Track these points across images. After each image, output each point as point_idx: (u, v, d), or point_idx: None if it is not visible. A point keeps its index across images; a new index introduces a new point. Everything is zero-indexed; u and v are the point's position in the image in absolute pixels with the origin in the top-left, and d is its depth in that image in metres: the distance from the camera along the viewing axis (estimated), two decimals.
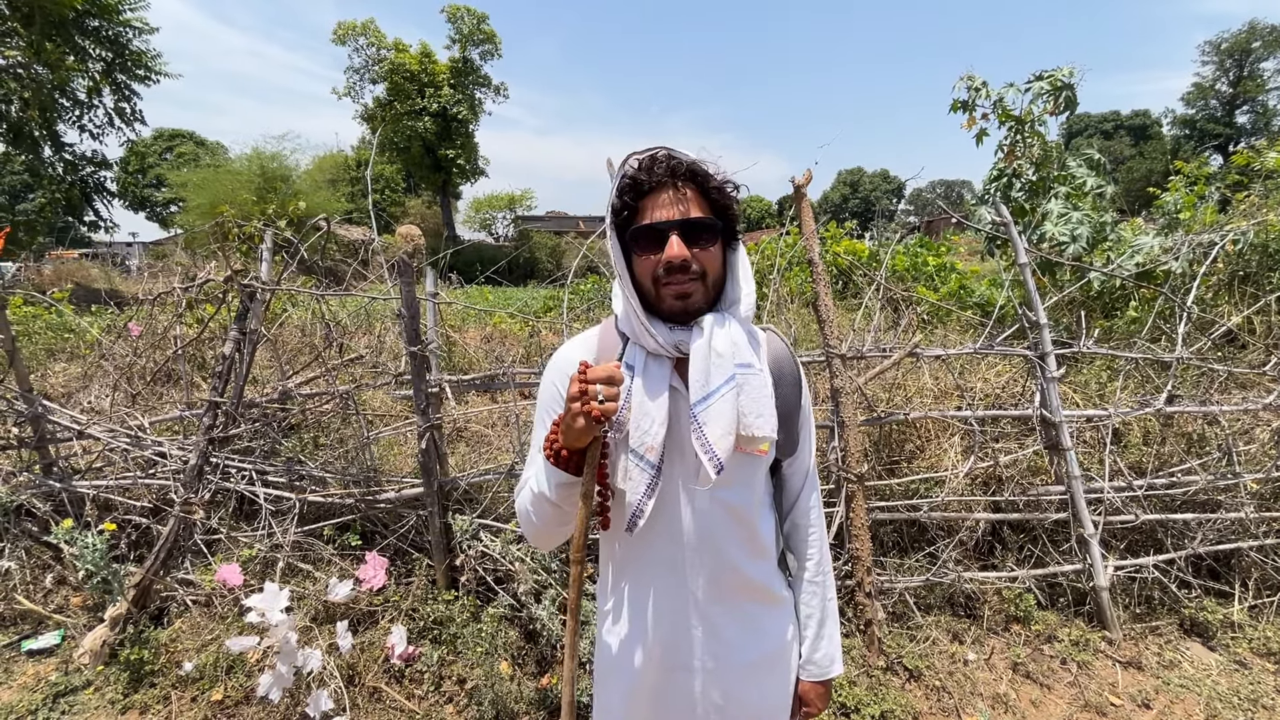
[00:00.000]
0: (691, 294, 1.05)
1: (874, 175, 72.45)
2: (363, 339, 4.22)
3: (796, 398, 1.20)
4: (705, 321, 1.06)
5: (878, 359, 3.04)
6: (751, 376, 1.06)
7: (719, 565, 1.13)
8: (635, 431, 1.04)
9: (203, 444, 2.98)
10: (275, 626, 2.32)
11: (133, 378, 3.56)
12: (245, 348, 3.04)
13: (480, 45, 37.78)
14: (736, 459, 1.08)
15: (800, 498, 1.27)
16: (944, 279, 5.23)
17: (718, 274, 1.10)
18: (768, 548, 1.20)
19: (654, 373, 1.08)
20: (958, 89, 4.20)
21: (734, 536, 1.14)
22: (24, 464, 3.33)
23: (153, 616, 2.86)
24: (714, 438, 1.01)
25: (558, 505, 1.08)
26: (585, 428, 0.96)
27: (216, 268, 2.97)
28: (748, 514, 1.14)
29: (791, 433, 1.20)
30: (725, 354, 1.04)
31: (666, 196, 1.04)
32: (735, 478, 1.11)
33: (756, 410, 1.04)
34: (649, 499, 1.05)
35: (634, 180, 1.04)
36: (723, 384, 1.03)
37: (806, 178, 3.02)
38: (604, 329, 1.21)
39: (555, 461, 1.03)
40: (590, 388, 0.95)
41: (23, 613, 2.94)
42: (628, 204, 1.05)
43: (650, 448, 1.04)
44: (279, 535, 2.92)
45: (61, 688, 2.57)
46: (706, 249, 1.06)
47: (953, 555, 2.96)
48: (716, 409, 1.02)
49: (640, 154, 1.06)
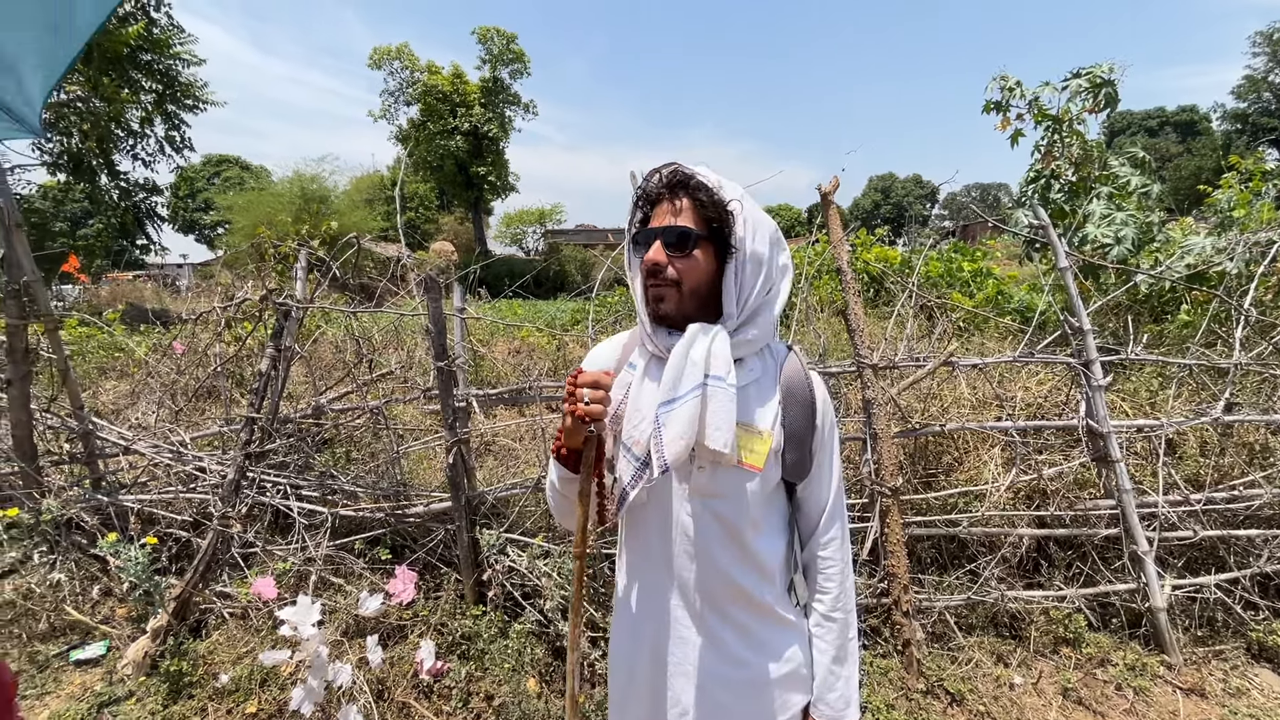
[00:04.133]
0: (664, 298, 1.11)
1: (906, 180, 71.33)
2: (394, 354, 4.29)
3: (807, 419, 1.17)
4: (690, 330, 1.10)
5: (911, 369, 2.95)
6: (719, 389, 1.07)
7: (709, 570, 1.14)
8: (627, 426, 1.09)
9: (240, 459, 3.06)
10: (307, 640, 2.35)
11: (175, 395, 3.68)
12: (280, 364, 3.11)
13: (510, 64, 38.62)
14: (729, 472, 1.12)
15: (818, 530, 1.22)
16: (980, 285, 5.07)
17: (697, 284, 1.12)
18: (768, 568, 1.17)
19: (652, 373, 1.13)
20: (990, 89, 4.09)
21: (724, 546, 1.14)
22: (75, 478, 3.47)
23: (192, 628, 2.93)
24: (668, 439, 1.05)
25: (565, 496, 1.18)
26: (574, 427, 1.04)
27: (254, 287, 3.06)
28: (737, 528, 1.13)
29: (801, 455, 1.17)
30: (698, 362, 1.06)
31: (665, 206, 1.12)
32: (723, 488, 1.12)
33: (716, 422, 1.06)
34: (632, 490, 1.10)
35: (644, 191, 1.14)
36: (688, 391, 1.06)
37: (834, 184, 2.97)
38: (634, 332, 1.27)
39: (558, 458, 1.12)
40: (578, 390, 1.03)
41: (71, 623, 3.04)
42: (644, 212, 1.16)
43: (637, 442, 1.08)
44: (312, 549, 2.96)
45: (106, 698, 2.64)
46: (684, 256, 1.09)
47: (995, 573, 2.83)
48: (678, 413, 1.05)
49: (655, 168, 1.13)
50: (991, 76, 3.98)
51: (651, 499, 1.14)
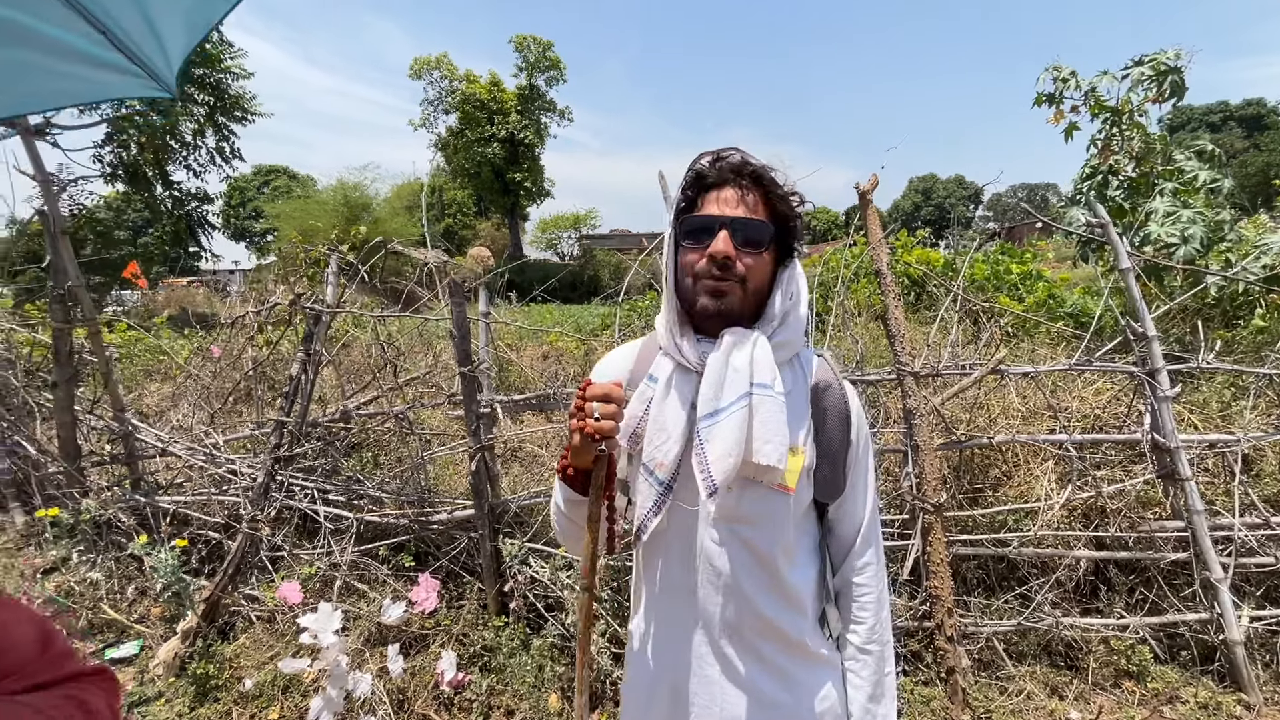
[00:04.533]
0: (727, 294, 0.99)
1: (948, 181, 69.46)
2: (423, 358, 4.30)
3: (842, 433, 1.06)
4: (730, 334, 0.99)
5: (956, 377, 2.78)
6: (767, 398, 0.96)
7: (736, 603, 1.03)
8: (648, 446, 1.00)
9: (269, 462, 3.07)
10: (326, 649, 2.32)
11: (210, 397, 3.75)
12: (310, 369, 3.12)
13: (546, 72, 39.13)
14: (758, 493, 1.00)
15: (852, 553, 1.11)
16: (1030, 288, 4.80)
17: (761, 285, 1.03)
18: (799, 599, 1.06)
19: (677, 387, 1.02)
20: (1042, 81, 3.85)
21: (754, 577, 1.02)
22: (115, 479, 3.56)
23: (221, 631, 2.95)
24: (714, 457, 0.94)
25: (571, 520, 1.06)
26: (582, 446, 0.94)
27: (284, 292, 3.08)
28: (769, 557, 1.02)
29: (835, 472, 1.06)
30: (741, 370, 0.97)
31: (729, 194, 1.00)
32: (754, 513, 1.01)
33: (766, 435, 0.95)
34: (654, 517, 0.99)
35: (699, 174, 1.02)
36: (733, 402, 0.95)
37: (872, 183, 2.82)
38: (648, 341, 1.15)
39: (564, 478, 1.02)
40: (588, 405, 0.92)
41: (108, 621, 3.09)
42: (689, 197, 1.03)
43: (660, 464, 0.98)
44: (337, 554, 2.95)
45: (136, 698, 2.67)
46: (755, 254, 0.99)
47: (1049, 597, 2.63)
48: (723, 427, 0.94)
49: (712, 152, 1.03)
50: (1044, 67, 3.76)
51: (672, 526, 1.03)
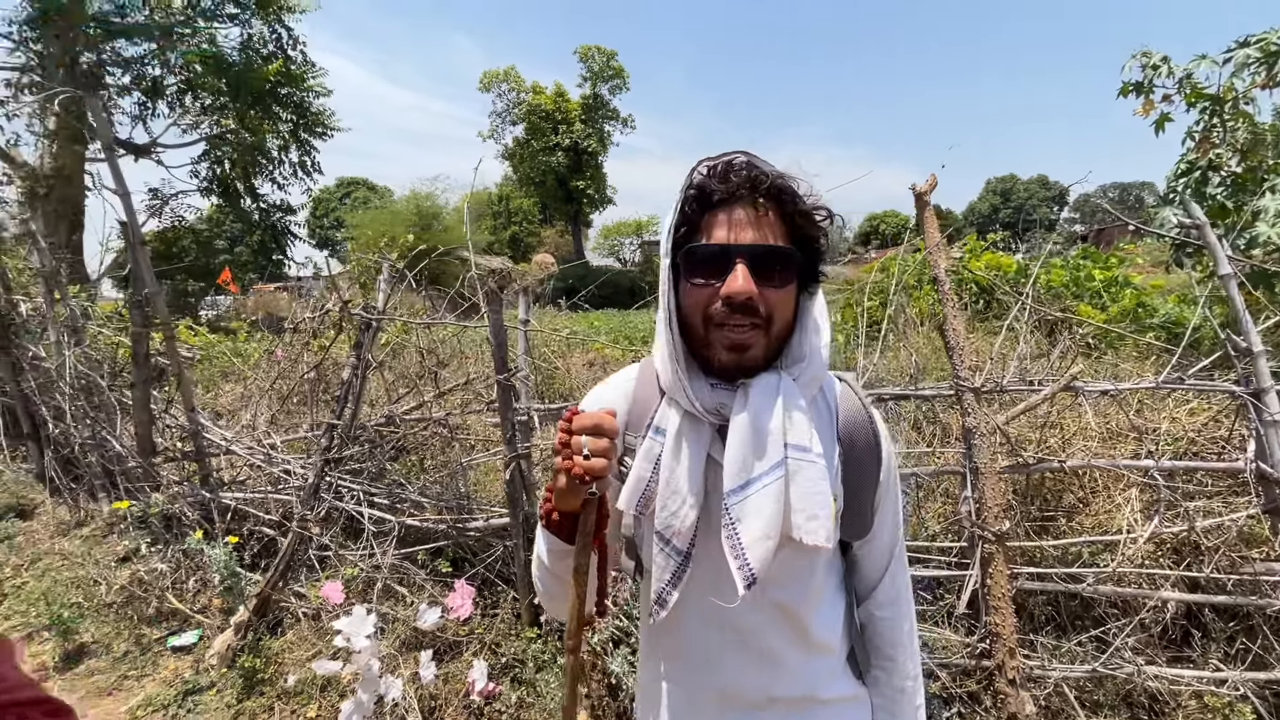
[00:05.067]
0: (750, 346, 0.84)
1: (1029, 182, 65.63)
2: (474, 365, 4.36)
3: (874, 469, 0.94)
4: (754, 385, 0.84)
5: (1024, 393, 2.55)
6: (806, 464, 0.82)
7: (764, 665, 0.92)
8: (661, 512, 0.85)
9: (319, 463, 3.17)
10: (359, 653, 2.35)
11: (271, 399, 3.93)
12: (359, 373, 3.21)
13: (609, 81, 39.72)
14: (788, 553, 0.85)
15: (880, 588, 1.00)
16: (1115, 296, 4.37)
17: (786, 323, 0.87)
18: (827, 644, 0.95)
19: (689, 439, 0.86)
20: (1129, 69, 3.50)
21: (783, 635, 0.92)
22: (186, 474, 3.77)
23: (271, 625, 3.06)
24: (749, 540, 0.80)
25: (555, 575, 0.92)
26: (569, 488, 0.80)
27: (335, 299, 3.18)
28: (800, 613, 0.91)
29: (863, 512, 0.94)
30: (774, 432, 0.82)
31: (741, 215, 0.83)
32: (785, 572, 0.88)
33: (810, 509, 0.81)
34: (673, 589, 0.85)
35: (702, 190, 0.84)
36: (768, 471, 0.81)
37: (930, 184, 2.64)
38: (643, 370, 1.00)
39: (547, 524, 0.88)
40: (575, 440, 0.77)
41: (173, 610, 3.27)
42: (689, 218, 0.85)
43: (678, 532, 0.84)
44: (379, 557, 3.01)
45: (191, 686, 2.80)
46: (780, 289, 0.84)
47: (1129, 641, 2.36)
48: (756, 503, 0.81)
49: (714, 159, 0.85)
50: (1131, 54, 3.40)
51: (688, 590, 0.88)
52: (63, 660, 3.04)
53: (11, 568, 3.90)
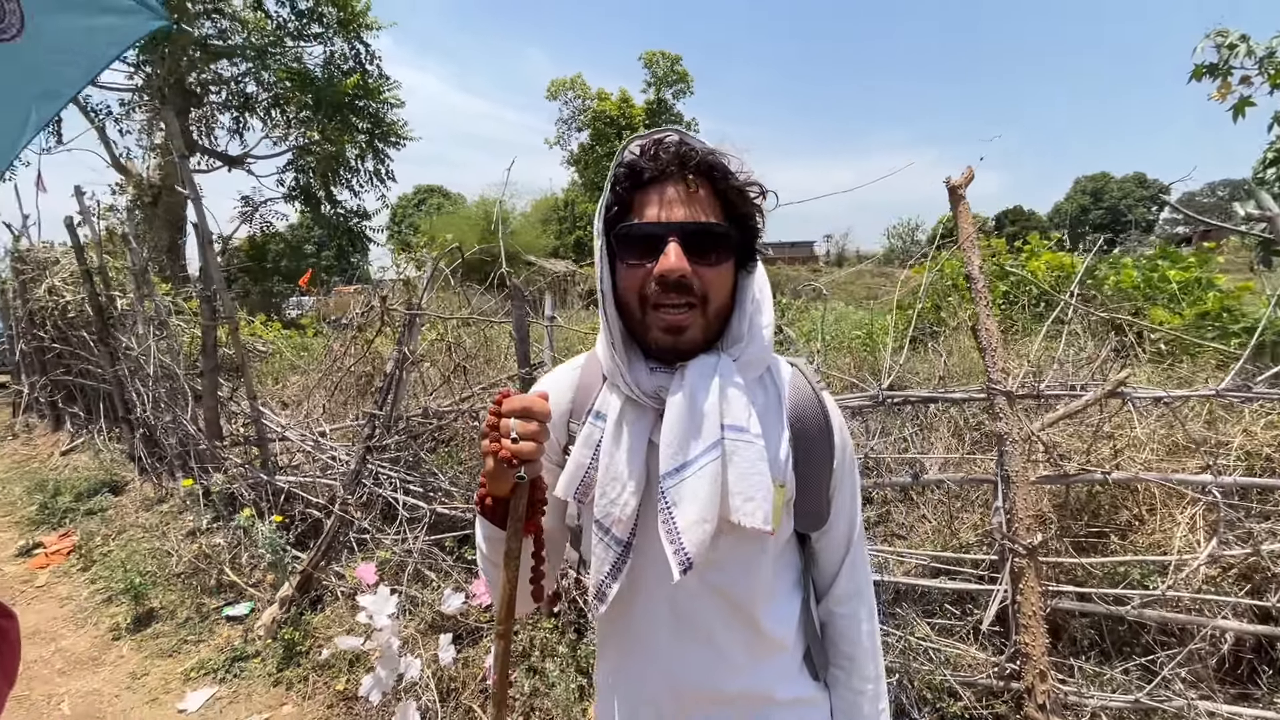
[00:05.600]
0: (686, 327, 0.82)
1: (1124, 180, 60.92)
2: (510, 362, 4.48)
3: (826, 457, 0.91)
4: (690, 366, 0.83)
5: (1065, 398, 2.38)
6: (743, 445, 0.80)
7: (712, 660, 0.89)
8: (601, 499, 0.84)
9: (361, 451, 3.35)
10: (379, 630, 2.46)
11: (325, 390, 4.17)
12: (402, 367, 3.37)
13: (674, 85, 39.88)
14: (733, 538, 0.84)
15: (837, 582, 0.97)
16: (1196, 298, 3.98)
17: (723, 302, 0.86)
18: (781, 641, 0.92)
19: (630, 425, 0.85)
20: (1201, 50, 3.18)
21: (730, 627, 0.89)
22: (248, 458, 4.06)
23: (313, 601, 3.24)
24: (684, 524, 0.78)
25: (493, 563, 0.89)
26: (496, 471, 0.78)
27: (379, 298, 3.35)
28: (748, 604, 0.89)
29: (817, 501, 0.92)
30: (710, 412, 0.80)
31: (671, 192, 0.82)
32: (730, 559, 0.87)
33: (747, 491, 0.79)
34: (613, 581, 0.84)
35: (632, 168, 0.83)
36: (703, 453, 0.80)
37: (965, 177, 2.52)
38: (589, 361, 0.99)
39: (481, 510, 0.86)
40: (503, 422, 0.77)
41: (229, 583, 3.53)
42: (620, 197, 0.84)
43: (617, 520, 0.83)
44: (411, 542, 3.14)
45: (239, 653, 3.01)
46: (714, 266, 0.83)
47: (1180, 673, 2.15)
48: (692, 486, 0.79)
49: (643, 137, 0.85)
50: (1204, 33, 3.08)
51: (631, 579, 0.87)
52: (134, 622, 3.33)
53: (102, 537, 4.32)
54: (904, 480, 2.66)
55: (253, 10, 13.16)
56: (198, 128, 13.55)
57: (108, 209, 6.36)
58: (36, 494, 5.14)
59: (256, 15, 13.23)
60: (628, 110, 39.00)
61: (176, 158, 3.33)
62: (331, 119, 14.05)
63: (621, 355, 0.85)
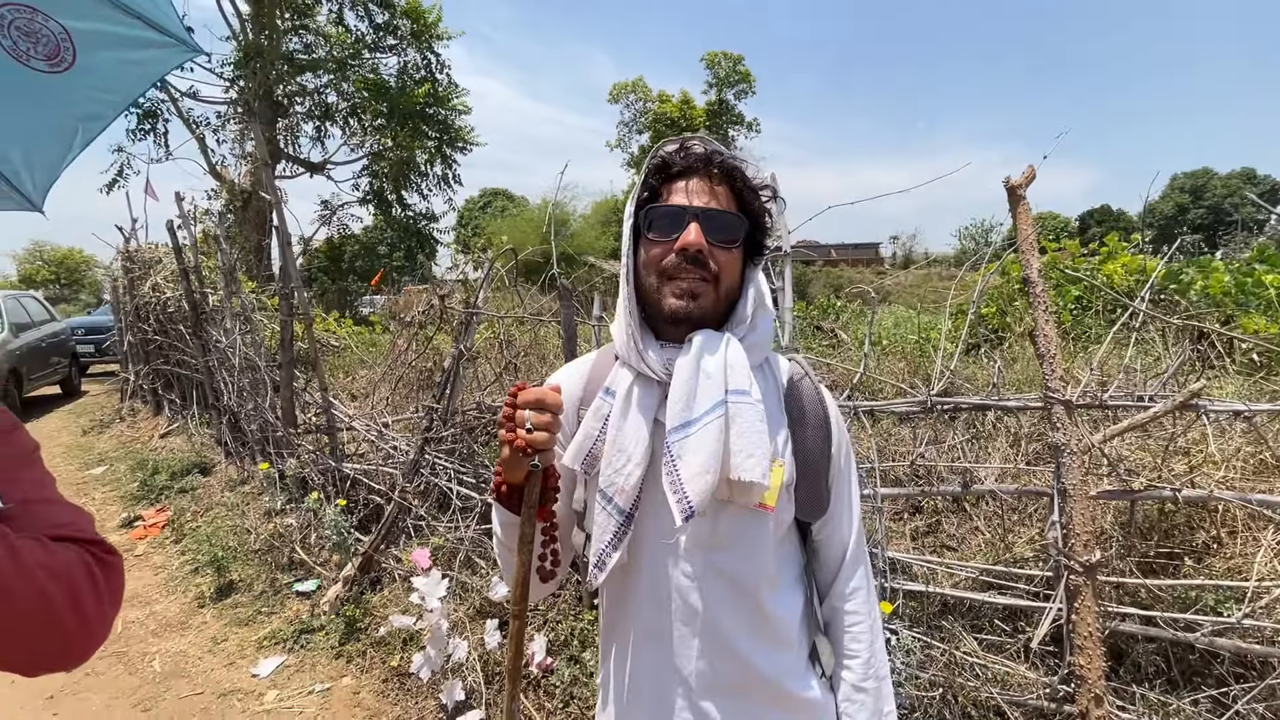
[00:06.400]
0: (700, 295, 0.91)
1: (1230, 176, 55.90)
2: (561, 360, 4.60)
3: (823, 444, 0.96)
4: (699, 336, 0.90)
5: (1132, 409, 2.25)
6: (745, 407, 0.86)
7: (717, 648, 0.91)
8: (606, 469, 0.89)
9: (420, 442, 3.53)
10: (430, 612, 2.60)
11: (389, 384, 4.41)
12: (460, 363, 3.53)
13: (735, 86, 39.56)
14: (735, 517, 0.89)
15: (839, 578, 0.99)
16: None
17: (732, 285, 0.95)
18: (786, 636, 0.94)
19: (638, 400, 0.91)
20: None
21: (735, 612, 0.91)
22: (320, 445, 4.34)
23: (372, 582, 3.44)
24: (688, 475, 0.83)
25: (509, 547, 0.95)
26: (513, 460, 0.84)
27: (438, 297, 3.52)
28: (753, 589, 0.91)
29: (817, 488, 0.96)
30: (715, 375, 0.87)
31: (695, 183, 0.93)
32: (732, 538, 0.90)
33: (747, 449, 0.84)
34: (613, 551, 0.89)
35: (664, 162, 0.95)
36: (707, 411, 0.86)
37: (1026, 176, 2.41)
38: (602, 354, 1.07)
39: (497, 497, 0.92)
40: (519, 413, 0.82)
41: (300, 561, 3.79)
42: (651, 186, 0.96)
43: (621, 490, 0.88)
44: (463, 530, 3.28)
45: (305, 626, 3.23)
46: (727, 250, 0.92)
47: (1258, 708, 2.00)
48: (696, 440, 0.84)
49: (675, 140, 0.97)
50: None
51: (637, 561, 0.92)
52: (216, 592, 3.64)
53: (191, 513, 4.72)
54: (954, 489, 2.58)
55: (334, 25, 14.00)
56: (284, 136, 14.54)
57: (204, 213, 6.92)
58: (138, 472, 5.67)
59: (338, 30, 14.07)
60: (689, 111, 38.95)
61: (262, 165, 3.60)
62: (404, 126, 14.77)
63: (638, 334, 0.92)
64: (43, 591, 0.59)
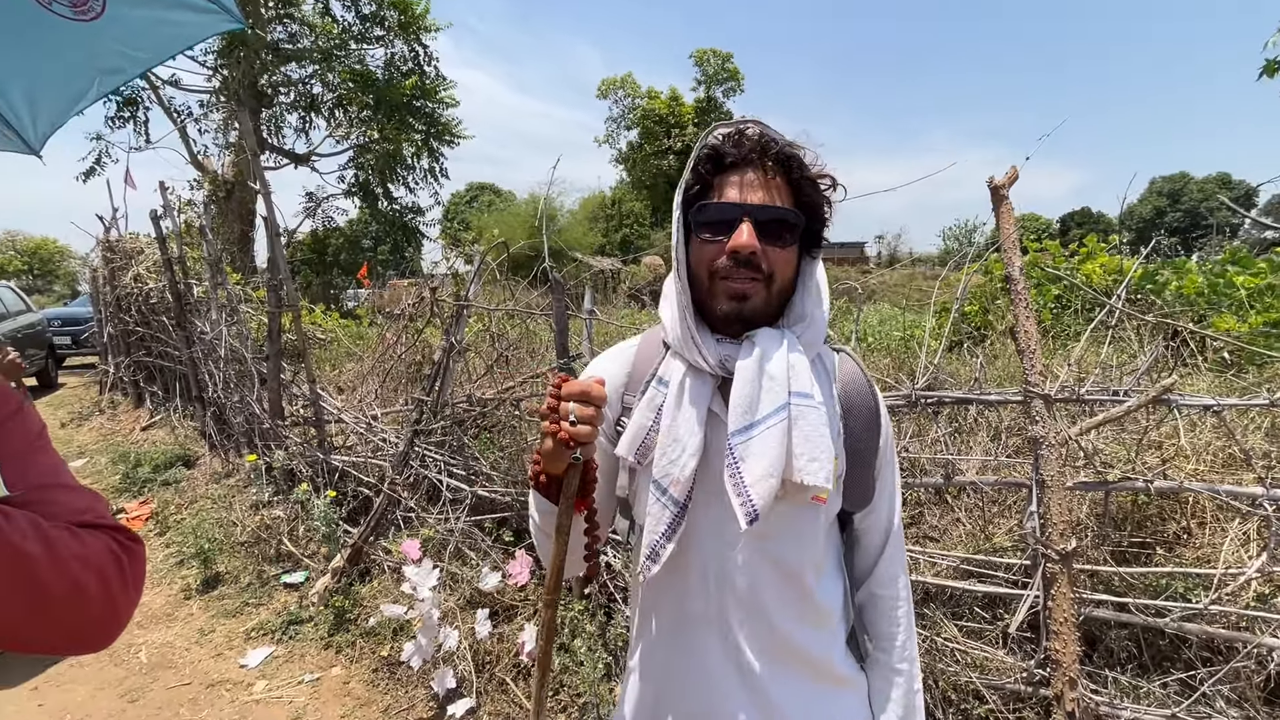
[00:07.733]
0: (750, 296, 0.88)
1: (1205, 181, 57.10)
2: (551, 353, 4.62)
3: (874, 437, 0.97)
4: (759, 336, 0.89)
5: (1107, 404, 2.33)
6: (809, 409, 0.86)
7: (765, 631, 0.92)
8: (660, 459, 0.88)
9: (409, 434, 3.53)
10: (421, 601, 2.62)
11: (377, 377, 4.40)
12: (450, 356, 3.54)
13: (724, 83, 39.62)
14: (788, 507, 0.89)
15: (880, 564, 1.02)
16: (1266, 306, 3.74)
17: (787, 281, 0.92)
18: (830, 619, 0.97)
19: (692, 391, 0.90)
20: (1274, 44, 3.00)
21: (782, 596, 0.93)
22: (307, 438, 4.32)
23: (361, 573, 3.45)
24: (751, 479, 0.83)
25: (546, 534, 0.95)
26: (555, 451, 0.83)
27: (427, 290, 3.52)
28: (800, 574, 0.93)
29: (865, 479, 0.97)
30: (779, 378, 0.86)
31: (750, 176, 0.88)
32: (783, 529, 0.91)
33: (810, 452, 0.84)
34: (667, 542, 0.89)
35: (715, 151, 0.89)
36: (771, 414, 0.85)
37: (1009, 177, 2.48)
38: (646, 338, 1.05)
39: (536, 486, 0.91)
40: (562, 405, 0.81)
41: (287, 553, 3.78)
42: (702, 177, 0.90)
43: (675, 481, 0.87)
44: (453, 522, 3.30)
45: (293, 617, 3.23)
46: (781, 248, 0.89)
47: (1224, 690, 2.08)
48: (760, 444, 0.84)
49: (729, 125, 0.91)
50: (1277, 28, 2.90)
51: (686, 549, 0.91)
52: (202, 584, 3.62)
53: (175, 506, 4.68)
54: (936, 481, 2.64)
55: (320, 15, 13.82)
56: (267, 127, 14.36)
57: (186, 203, 6.82)
58: (120, 465, 5.59)
59: (324, 20, 13.89)
60: (677, 109, 38.97)
61: (249, 155, 3.58)
62: (390, 118, 14.64)
63: (693, 325, 0.91)
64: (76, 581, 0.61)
